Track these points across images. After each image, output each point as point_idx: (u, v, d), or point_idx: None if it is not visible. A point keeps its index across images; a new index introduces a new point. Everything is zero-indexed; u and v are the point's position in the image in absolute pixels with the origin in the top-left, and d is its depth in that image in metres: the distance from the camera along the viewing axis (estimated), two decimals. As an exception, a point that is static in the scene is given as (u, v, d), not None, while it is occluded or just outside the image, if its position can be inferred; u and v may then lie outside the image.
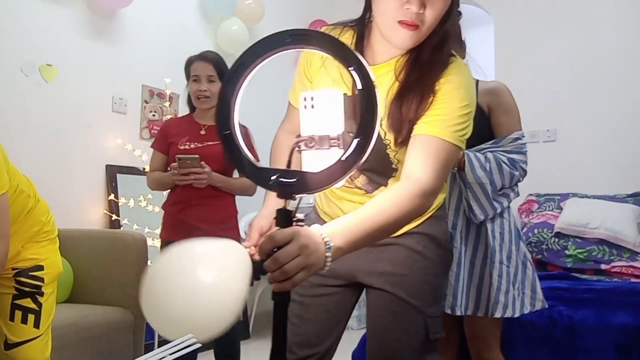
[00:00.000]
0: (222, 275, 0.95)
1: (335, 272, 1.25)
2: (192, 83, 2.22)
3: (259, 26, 3.96)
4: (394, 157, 1.17)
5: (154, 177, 2.31)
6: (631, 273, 2.80)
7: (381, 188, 1.22)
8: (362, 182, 1.22)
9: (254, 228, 1.16)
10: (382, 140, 1.15)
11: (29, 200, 1.60)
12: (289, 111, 1.35)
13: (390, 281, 1.21)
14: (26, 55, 2.71)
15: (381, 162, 1.18)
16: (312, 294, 1.30)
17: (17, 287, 1.55)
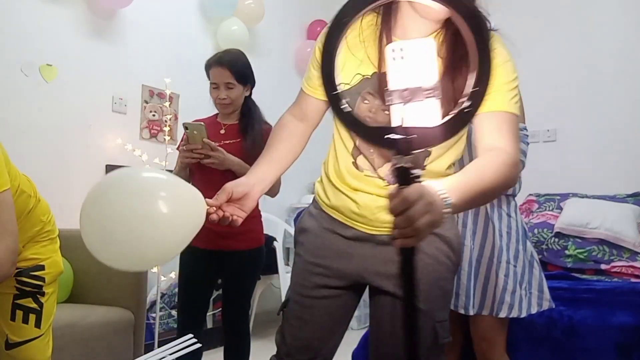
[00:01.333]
0: (179, 211, 0.95)
1: (341, 272, 1.22)
2: (212, 89, 2.18)
3: (259, 26, 3.96)
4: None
5: (173, 173, 2.27)
6: (631, 273, 2.80)
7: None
8: (385, 173, 1.15)
9: (225, 190, 1.09)
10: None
11: (30, 200, 1.60)
12: (300, 98, 1.32)
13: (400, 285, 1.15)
14: (26, 55, 2.71)
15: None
16: (314, 296, 1.25)
17: (18, 287, 1.55)
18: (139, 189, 0.96)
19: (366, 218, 1.18)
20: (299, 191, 4.23)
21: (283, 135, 1.28)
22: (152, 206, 0.93)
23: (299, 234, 1.32)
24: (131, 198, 0.94)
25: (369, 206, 1.17)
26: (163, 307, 3.05)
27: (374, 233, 1.19)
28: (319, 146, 1.56)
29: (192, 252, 2.13)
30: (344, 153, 1.21)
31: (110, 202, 0.96)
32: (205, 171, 2.07)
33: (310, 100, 1.27)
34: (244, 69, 2.18)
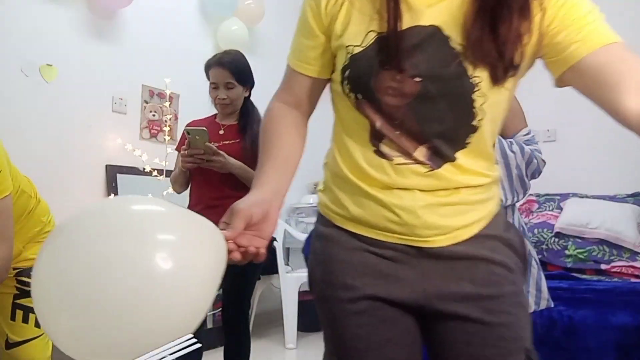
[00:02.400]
0: (189, 267, 0.61)
1: (392, 300, 0.90)
2: (211, 90, 2.19)
3: (259, 26, 3.96)
4: (480, 106, 0.84)
5: (172, 175, 2.27)
6: (631, 273, 2.80)
7: (445, 166, 0.87)
8: (424, 155, 0.87)
9: (241, 214, 0.78)
10: (466, 79, 0.81)
11: (30, 201, 1.60)
12: (289, 79, 1.01)
13: (478, 306, 0.87)
14: (26, 55, 2.71)
15: (459, 117, 0.85)
16: (372, 342, 0.91)
17: (18, 287, 1.55)
18: (124, 232, 0.59)
19: (410, 226, 0.87)
20: (299, 191, 4.23)
21: (281, 129, 0.98)
22: (149, 263, 0.57)
23: (315, 268, 0.97)
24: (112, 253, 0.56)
25: (412, 208, 0.87)
26: (163, 307, 3.05)
27: (422, 246, 0.88)
28: (319, 144, 1.48)
29: None
30: (359, 141, 0.91)
31: (77, 262, 0.56)
32: (205, 174, 2.08)
33: (302, 80, 0.98)
34: (244, 69, 2.19)
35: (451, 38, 0.82)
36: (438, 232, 0.88)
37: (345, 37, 0.88)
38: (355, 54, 0.86)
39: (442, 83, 0.82)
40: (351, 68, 0.87)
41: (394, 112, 0.85)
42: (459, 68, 0.81)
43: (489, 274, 0.89)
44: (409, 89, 0.83)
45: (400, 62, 0.82)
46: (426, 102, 0.83)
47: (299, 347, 3.45)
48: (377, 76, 0.84)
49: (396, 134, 0.87)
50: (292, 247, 4.12)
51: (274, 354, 3.31)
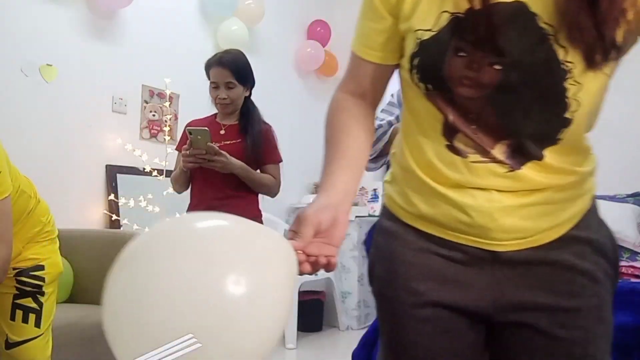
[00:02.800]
0: (262, 289, 0.57)
1: (458, 307, 0.83)
2: (212, 89, 2.18)
3: (259, 26, 3.96)
4: (573, 96, 0.71)
5: (172, 175, 2.25)
6: (631, 273, 2.80)
7: (529, 165, 0.77)
8: (503, 153, 0.77)
9: (309, 222, 0.70)
10: (556, 65, 0.70)
11: (30, 201, 1.60)
12: (353, 67, 0.90)
13: (549, 318, 0.79)
14: (26, 55, 2.71)
15: (548, 110, 0.73)
16: (432, 349, 0.84)
17: (18, 287, 1.55)
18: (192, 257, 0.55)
19: (485, 228, 0.79)
20: (299, 191, 4.23)
21: (347, 124, 0.88)
22: (220, 289, 0.54)
23: (376, 264, 0.91)
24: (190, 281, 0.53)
25: (487, 209, 0.78)
26: (163, 307, 3.05)
27: (497, 250, 0.80)
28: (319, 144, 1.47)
29: None
30: (430, 134, 0.81)
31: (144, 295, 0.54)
32: (206, 174, 2.07)
33: (368, 67, 0.87)
34: (244, 69, 2.18)
35: (539, 16, 0.69)
36: (517, 236, 0.79)
37: (414, 20, 0.76)
38: (424, 40, 0.75)
39: (527, 71, 0.70)
40: (420, 56, 0.76)
41: (470, 105, 0.75)
42: (548, 52, 0.69)
43: (569, 283, 0.79)
44: (488, 78, 0.72)
45: (478, 47, 0.71)
46: (508, 93, 0.72)
47: (299, 347, 3.45)
48: (450, 64, 0.73)
49: (472, 128, 0.77)
50: (292, 247, 4.12)
51: (274, 354, 3.30)
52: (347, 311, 3.94)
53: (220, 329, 0.54)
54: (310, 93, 4.52)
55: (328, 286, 3.91)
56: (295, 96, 4.32)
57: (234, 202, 2.10)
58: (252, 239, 0.62)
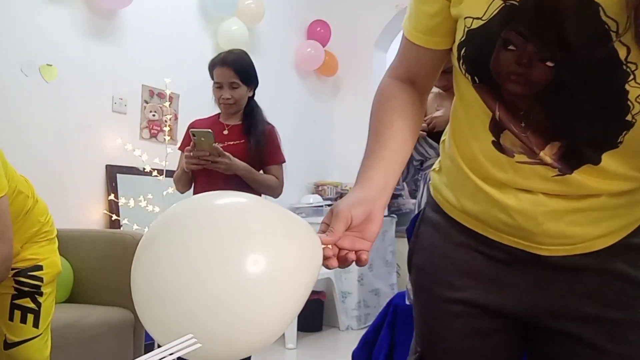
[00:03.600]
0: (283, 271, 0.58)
1: (493, 308, 0.81)
2: (215, 89, 2.16)
3: (259, 26, 3.96)
4: (636, 99, 0.63)
5: (175, 175, 2.23)
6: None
7: (583, 169, 0.70)
8: (553, 155, 0.70)
9: (340, 217, 0.67)
10: (618, 65, 0.61)
11: (28, 201, 1.59)
12: (404, 50, 0.83)
13: (596, 329, 0.75)
14: (26, 55, 2.70)
15: (606, 112, 0.65)
16: (460, 348, 0.83)
17: (16, 287, 1.55)
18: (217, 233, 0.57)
19: (528, 232, 0.75)
20: (299, 191, 4.23)
21: (392, 113, 0.81)
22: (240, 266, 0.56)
23: (416, 253, 0.89)
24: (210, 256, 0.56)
25: (531, 213, 0.73)
26: (163, 307, 3.05)
27: (543, 254, 0.76)
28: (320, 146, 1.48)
29: None
30: (478, 127, 0.76)
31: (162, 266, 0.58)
32: (209, 174, 2.06)
33: (419, 52, 0.81)
34: (248, 69, 2.17)
35: (604, 8, 0.60)
36: (563, 242, 0.74)
37: (464, 5, 0.70)
38: (473, 29, 0.69)
39: (582, 70, 0.63)
40: (467, 46, 0.71)
41: (519, 103, 0.69)
42: (609, 51, 0.61)
43: (620, 293, 0.74)
44: (538, 76, 0.66)
45: (533, 39, 0.64)
46: (560, 93, 0.66)
47: (299, 347, 3.44)
48: (498, 58, 0.67)
49: (521, 127, 0.71)
50: (292, 247, 4.12)
51: (274, 354, 3.30)
52: (347, 311, 3.94)
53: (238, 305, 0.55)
54: (310, 93, 4.52)
55: (328, 286, 3.91)
56: (295, 96, 4.32)
57: None
58: (280, 223, 0.62)
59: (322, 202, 4.14)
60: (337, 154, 4.64)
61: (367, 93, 4.53)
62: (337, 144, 4.64)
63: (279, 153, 2.22)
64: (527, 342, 0.84)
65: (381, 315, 2.13)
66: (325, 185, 4.32)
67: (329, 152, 4.63)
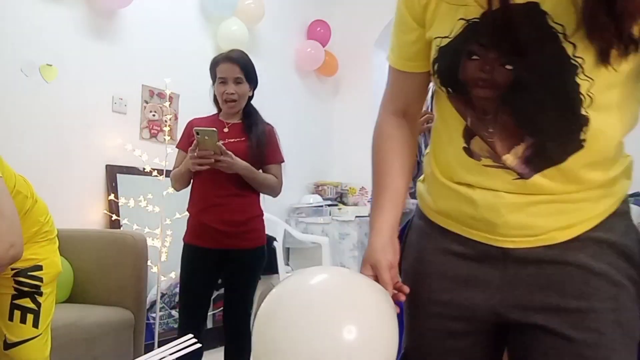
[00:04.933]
0: (371, 334, 0.73)
1: (467, 309, 0.85)
2: (219, 85, 2.14)
3: (259, 26, 3.96)
4: (587, 92, 0.71)
5: (173, 173, 2.20)
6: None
7: (546, 172, 0.77)
8: (515, 161, 0.78)
9: (383, 267, 0.84)
10: (566, 60, 0.71)
11: (27, 201, 1.59)
12: (395, 82, 0.94)
13: (561, 319, 0.79)
14: (26, 55, 2.70)
15: (562, 106, 0.73)
16: (439, 349, 0.89)
17: (16, 287, 1.55)
18: (323, 320, 0.73)
19: (491, 223, 0.81)
20: (299, 191, 4.23)
21: (392, 152, 0.94)
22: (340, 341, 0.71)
23: (404, 258, 0.96)
24: (313, 329, 0.72)
25: (493, 205, 0.80)
26: (163, 307, 3.05)
27: (508, 246, 0.81)
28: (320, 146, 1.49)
29: (194, 251, 2.12)
30: (453, 136, 0.85)
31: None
32: (210, 172, 2.05)
33: (411, 78, 0.92)
34: (251, 67, 2.18)
35: (549, 15, 0.71)
36: (525, 233, 0.79)
37: (434, 29, 0.82)
38: (442, 46, 0.80)
39: (537, 68, 0.72)
40: (439, 61, 0.82)
41: (487, 106, 0.77)
42: (557, 49, 0.71)
43: (582, 284, 0.78)
44: (501, 78, 0.75)
45: (492, 48, 0.74)
46: (521, 91, 0.74)
47: (299, 348, 3.44)
48: (465, 67, 0.77)
49: (489, 132, 0.79)
50: (292, 247, 4.12)
51: (274, 354, 3.30)
52: (347, 311, 3.93)
53: None
54: (310, 93, 4.51)
55: (328, 286, 3.90)
56: (295, 96, 4.31)
57: (236, 200, 2.10)
58: (363, 294, 0.78)
59: (322, 202, 4.14)
60: (337, 154, 4.64)
61: (367, 93, 4.53)
62: (337, 144, 4.64)
63: (279, 153, 2.22)
64: (505, 340, 0.88)
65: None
66: (325, 185, 4.32)
67: (329, 152, 4.63)
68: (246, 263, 2.17)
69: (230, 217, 2.09)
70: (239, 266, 2.16)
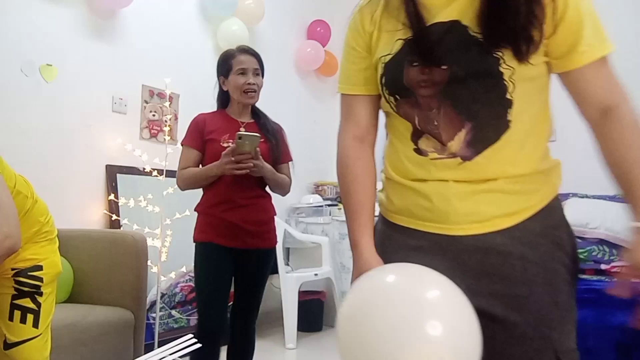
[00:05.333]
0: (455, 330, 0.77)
1: None
2: (239, 76, 2.09)
3: (259, 26, 3.96)
4: (509, 78, 0.90)
5: (189, 174, 2.09)
6: (631, 273, 2.80)
7: (485, 153, 0.92)
8: (458, 146, 0.92)
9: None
10: (489, 55, 0.89)
11: (27, 201, 1.59)
12: (349, 108, 1.07)
13: (504, 303, 0.91)
14: (26, 55, 2.70)
15: (491, 92, 0.90)
16: None
17: (16, 287, 1.55)
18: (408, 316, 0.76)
19: (442, 213, 0.93)
20: (299, 191, 4.23)
21: (359, 174, 1.05)
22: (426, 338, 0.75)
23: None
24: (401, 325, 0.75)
25: (444, 194, 0.93)
26: (163, 307, 3.05)
27: (458, 234, 0.93)
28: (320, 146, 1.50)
29: (217, 249, 2.06)
30: (403, 142, 1.00)
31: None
32: (236, 175, 1.99)
33: (364, 102, 1.06)
34: (262, 64, 2.18)
35: (469, 27, 0.90)
36: (472, 219, 0.91)
37: (378, 51, 1.00)
38: (387, 62, 0.97)
39: (467, 64, 0.89)
40: (386, 74, 0.98)
41: (431, 103, 0.93)
42: (481, 49, 0.88)
43: (523, 272, 0.90)
44: (439, 77, 0.91)
45: (426, 55, 0.92)
46: (458, 85, 0.90)
47: (299, 347, 3.44)
48: (408, 73, 0.94)
49: (434, 125, 0.93)
50: (292, 247, 4.12)
51: (274, 354, 3.30)
52: (347, 311, 3.93)
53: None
54: (310, 93, 4.52)
55: (328, 286, 3.91)
56: (295, 96, 4.31)
57: (261, 202, 2.13)
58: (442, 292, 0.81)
59: (322, 202, 4.14)
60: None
61: (367, 93, 4.53)
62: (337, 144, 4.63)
63: (289, 151, 2.23)
64: None
65: (381, 315, 2.13)
66: (325, 185, 4.32)
67: (329, 152, 4.59)
68: (263, 262, 2.17)
69: (256, 217, 2.09)
70: (256, 265, 2.15)
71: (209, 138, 2.10)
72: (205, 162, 2.10)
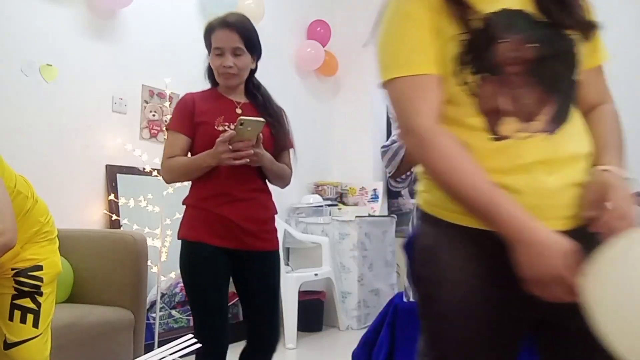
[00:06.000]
0: None
1: (491, 298, 0.94)
2: (214, 57, 1.81)
3: (259, 26, 3.93)
4: (580, 60, 0.96)
5: (177, 164, 1.78)
6: (631, 273, 2.80)
7: (563, 128, 0.92)
8: (544, 120, 0.90)
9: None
10: (567, 36, 0.94)
11: (27, 201, 1.59)
12: (422, 90, 0.93)
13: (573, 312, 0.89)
14: (26, 55, 2.70)
15: (570, 72, 0.95)
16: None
17: (16, 287, 1.55)
18: None
19: (534, 207, 0.86)
20: (299, 191, 4.23)
21: (467, 159, 0.91)
22: None
23: (423, 267, 0.98)
24: None
25: (538, 189, 0.89)
26: (163, 307, 3.05)
27: (559, 229, 0.86)
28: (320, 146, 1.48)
29: (209, 250, 1.76)
30: (476, 132, 0.91)
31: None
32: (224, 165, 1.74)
33: (436, 81, 0.93)
34: (253, 34, 1.85)
35: (533, 15, 0.94)
36: (565, 214, 0.89)
37: (452, 28, 0.92)
38: (469, 39, 0.91)
39: (552, 45, 0.92)
40: (471, 52, 0.91)
41: (518, 80, 0.90)
42: (557, 31, 0.93)
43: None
44: (529, 54, 0.90)
45: (517, 34, 0.91)
46: (544, 63, 0.91)
47: (299, 347, 3.44)
48: (498, 49, 0.90)
49: (523, 103, 0.90)
50: (292, 247, 4.12)
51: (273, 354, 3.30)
52: (347, 311, 3.94)
53: None
54: (310, 93, 4.52)
55: (328, 286, 3.91)
56: (295, 96, 4.31)
57: (262, 196, 1.84)
58: None
59: (322, 202, 4.14)
60: (337, 154, 4.64)
61: (367, 93, 4.53)
62: (337, 144, 4.64)
63: (290, 136, 1.92)
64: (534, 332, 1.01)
65: (381, 315, 2.13)
66: (325, 185, 4.32)
67: (329, 152, 4.63)
68: (274, 265, 1.89)
69: (256, 214, 1.79)
70: (265, 269, 1.86)
71: (199, 121, 1.79)
72: (196, 149, 1.79)
